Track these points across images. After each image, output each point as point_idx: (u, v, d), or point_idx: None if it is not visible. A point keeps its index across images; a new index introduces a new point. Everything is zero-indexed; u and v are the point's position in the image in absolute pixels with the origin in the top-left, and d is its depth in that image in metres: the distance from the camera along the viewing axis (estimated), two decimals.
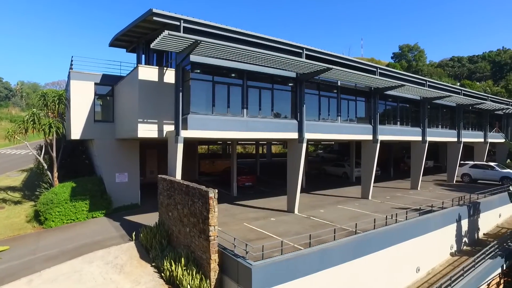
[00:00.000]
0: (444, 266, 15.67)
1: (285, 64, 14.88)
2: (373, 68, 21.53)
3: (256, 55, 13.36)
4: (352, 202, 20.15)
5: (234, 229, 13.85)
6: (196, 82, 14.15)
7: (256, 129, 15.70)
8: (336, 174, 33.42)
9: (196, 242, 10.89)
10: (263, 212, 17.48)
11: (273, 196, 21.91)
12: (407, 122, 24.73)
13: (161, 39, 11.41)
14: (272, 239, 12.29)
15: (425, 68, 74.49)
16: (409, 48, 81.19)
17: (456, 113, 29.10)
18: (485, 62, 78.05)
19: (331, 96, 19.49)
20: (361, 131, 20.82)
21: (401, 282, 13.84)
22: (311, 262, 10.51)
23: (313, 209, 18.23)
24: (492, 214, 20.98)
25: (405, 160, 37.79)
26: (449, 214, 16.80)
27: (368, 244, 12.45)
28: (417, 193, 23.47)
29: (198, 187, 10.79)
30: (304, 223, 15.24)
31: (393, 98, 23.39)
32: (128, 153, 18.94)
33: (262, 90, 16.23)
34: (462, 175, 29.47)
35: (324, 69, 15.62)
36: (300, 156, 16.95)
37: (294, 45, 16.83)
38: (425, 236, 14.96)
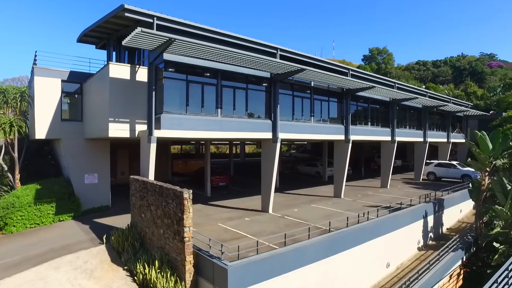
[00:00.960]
0: (412, 261, 16.32)
1: (259, 64, 14.92)
2: (345, 69, 22.08)
3: (230, 55, 13.29)
4: (325, 201, 20.54)
5: (208, 229, 13.73)
6: (170, 81, 13.89)
7: (231, 129, 15.65)
8: (309, 174, 33.94)
9: (171, 244, 10.69)
10: (237, 212, 17.45)
11: (247, 196, 21.93)
12: (377, 123, 25.54)
13: (134, 36, 11.09)
14: (247, 239, 12.31)
15: (393, 70, 77.19)
16: (378, 51, 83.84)
17: (422, 114, 30.41)
18: (447, 66, 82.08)
19: (304, 97, 19.76)
20: (333, 131, 21.25)
21: (372, 278, 14.27)
22: (286, 261, 10.60)
23: (287, 208, 18.41)
24: (454, 210, 22.12)
25: (375, 160, 39.01)
26: (417, 211, 17.53)
27: (341, 242, 12.74)
28: (387, 191, 24.31)
29: (172, 188, 10.59)
30: (278, 222, 15.36)
31: (364, 99, 24.08)
32: (98, 153, 18.26)
33: (237, 90, 16.21)
34: (428, 173, 30.91)
35: (298, 69, 15.81)
36: (274, 156, 17.07)
37: (268, 45, 16.94)
38: (394, 233, 15.52)
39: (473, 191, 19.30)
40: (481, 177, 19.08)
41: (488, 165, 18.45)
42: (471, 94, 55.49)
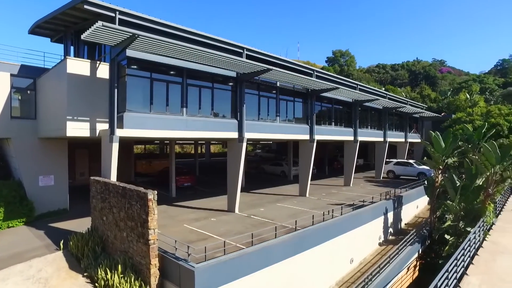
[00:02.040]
0: (373, 256, 17.01)
1: (225, 64, 14.81)
2: (310, 70, 22.54)
3: (196, 53, 13.05)
4: (291, 200, 20.84)
5: (174, 231, 13.42)
6: (133, 78, 13.39)
7: (196, 128, 15.40)
8: (275, 173, 34.27)
9: (135, 247, 10.31)
10: (203, 212, 17.22)
11: (213, 196, 21.71)
12: (340, 123, 26.34)
13: (94, 30, 10.55)
14: (214, 239, 12.17)
15: (355, 73, 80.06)
16: (341, 53, 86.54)
17: (382, 115, 31.82)
18: (404, 70, 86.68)
19: (270, 97, 19.92)
20: (298, 131, 21.61)
21: (337, 274, 14.71)
22: (254, 261, 10.62)
23: (254, 207, 18.46)
24: (411, 206, 23.39)
25: (339, 159, 40.23)
26: (378, 208, 18.31)
27: (307, 240, 12.99)
28: (350, 190, 25.13)
29: (136, 189, 10.22)
30: (245, 222, 15.35)
31: (328, 100, 24.73)
32: (54, 154, 17.15)
33: (203, 89, 15.98)
34: (388, 171, 32.44)
35: (264, 69, 15.89)
36: (240, 156, 17.05)
37: (235, 44, 16.88)
38: (358, 229, 16.10)
39: (428, 188, 20.51)
40: (435, 175, 20.34)
41: (441, 163, 19.70)
42: (425, 97, 58.93)
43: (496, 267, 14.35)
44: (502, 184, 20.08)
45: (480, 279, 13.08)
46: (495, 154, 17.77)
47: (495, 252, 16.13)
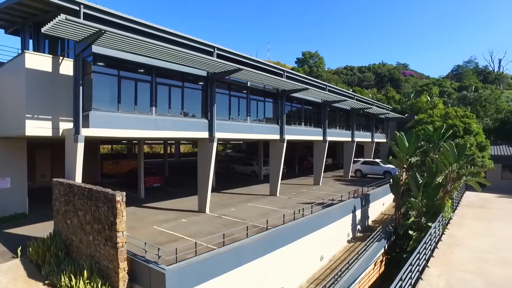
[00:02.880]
0: (342, 253, 17.47)
1: (196, 62, 14.61)
2: (280, 71, 22.77)
3: (166, 51, 12.77)
4: (262, 199, 20.95)
5: (143, 233, 13.08)
6: (99, 75, 12.88)
7: (166, 128, 15.07)
8: (245, 173, 34.30)
9: (102, 251, 9.92)
10: (173, 213, 16.91)
11: (183, 196, 21.37)
12: (310, 123, 26.83)
13: (56, 24, 9.98)
14: (184, 240, 11.98)
15: (324, 74, 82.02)
16: (310, 55, 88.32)
17: (350, 116, 32.77)
18: (370, 72, 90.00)
19: (241, 97, 19.92)
20: (269, 131, 21.77)
21: (308, 271, 14.95)
22: (226, 261, 10.57)
23: (224, 208, 18.38)
24: (378, 204, 24.27)
25: (308, 158, 40.96)
26: (347, 206, 18.83)
27: (278, 239, 13.10)
28: (319, 189, 25.64)
29: (103, 191, 9.84)
30: (216, 222, 15.25)
31: (298, 100, 25.10)
32: (10, 154, 16.02)
33: (172, 88, 15.68)
34: (355, 170, 33.47)
35: (235, 69, 15.85)
36: (211, 156, 16.91)
37: (205, 43, 16.72)
38: (327, 227, 16.46)
39: (393, 186, 21.39)
40: (400, 173, 21.27)
41: (405, 162, 20.62)
42: (390, 99, 61.46)
43: (453, 258, 15.30)
44: (459, 181, 21.39)
45: (439, 270, 13.90)
46: (452, 153, 18.89)
47: (452, 245, 17.18)
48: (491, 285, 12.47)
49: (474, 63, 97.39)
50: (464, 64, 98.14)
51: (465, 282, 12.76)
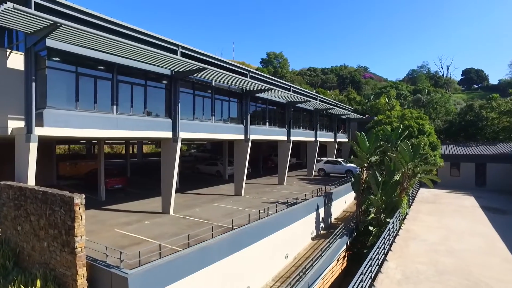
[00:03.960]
0: (307, 250, 17.85)
1: (159, 61, 14.23)
2: (245, 71, 22.82)
3: (128, 48, 12.30)
4: (227, 199, 20.88)
5: (104, 236, 12.55)
6: (54, 71, 12.13)
7: (128, 127, 14.54)
8: (210, 173, 34.01)
9: (58, 258, 9.36)
10: (136, 215, 16.38)
11: (146, 198, 20.77)
12: (274, 123, 27.13)
13: (2, 13, 9.23)
14: (148, 243, 11.64)
15: (288, 75, 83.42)
16: (275, 55, 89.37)
17: (314, 116, 33.56)
18: (333, 74, 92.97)
19: (205, 96, 19.71)
20: (234, 131, 21.74)
21: (274, 270, 15.12)
22: (191, 262, 10.41)
23: (189, 208, 18.10)
24: (340, 201, 25.07)
25: (273, 158, 41.41)
26: (310, 204, 19.26)
27: (244, 238, 13.13)
28: (284, 188, 26.00)
29: (60, 193, 9.29)
30: (180, 223, 14.98)
31: (262, 101, 25.29)
32: None
33: (135, 86, 15.18)
34: (319, 169, 34.32)
35: (200, 68, 15.65)
36: (175, 156, 16.59)
37: (169, 41, 16.34)
38: (292, 226, 16.74)
39: (355, 184, 22.21)
40: (361, 172, 22.12)
41: (366, 161, 21.48)
42: (352, 100, 63.78)
43: (408, 251, 16.26)
44: (414, 179, 22.67)
45: (396, 263, 14.69)
46: (408, 153, 19.97)
47: (408, 239, 18.21)
48: (440, 273, 13.58)
49: (426, 68, 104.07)
50: (418, 69, 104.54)
51: (418, 272, 13.63)
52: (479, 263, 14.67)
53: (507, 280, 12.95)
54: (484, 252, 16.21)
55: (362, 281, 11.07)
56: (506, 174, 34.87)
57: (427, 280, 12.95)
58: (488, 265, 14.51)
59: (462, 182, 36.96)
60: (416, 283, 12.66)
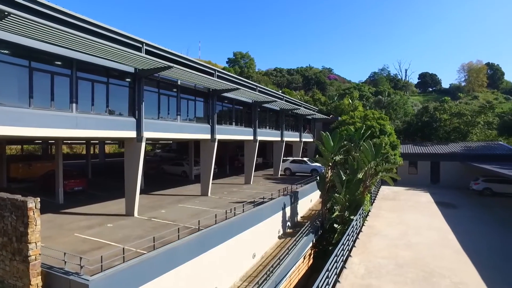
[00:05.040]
0: (274, 249, 18.03)
1: (122, 57, 13.70)
2: (211, 70, 22.57)
3: (87, 43, 11.68)
4: (193, 200, 20.58)
5: (62, 242, 11.89)
6: (4, 65, 11.26)
7: (89, 126, 13.87)
8: (176, 173, 33.38)
9: (7, 268, 8.72)
10: (98, 218, 15.68)
11: (109, 200, 19.95)
12: (241, 123, 27.11)
13: None
14: (111, 247, 11.18)
15: (254, 75, 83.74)
16: (241, 55, 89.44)
17: (280, 116, 33.95)
18: (298, 75, 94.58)
19: (171, 95, 19.29)
20: (200, 131, 21.46)
21: (241, 269, 15.12)
22: (157, 265, 10.14)
23: (154, 210, 17.65)
24: (306, 200, 25.57)
25: (239, 158, 41.38)
26: (277, 203, 19.46)
27: (211, 238, 13.00)
28: (250, 187, 26.06)
29: (11, 197, 8.68)
30: (145, 225, 14.55)
31: (229, 100, 25.19)
32: None
33: (96, 84, 14.52)
34: (285, 169, 34.75)
35: (165, 67, 15.29)
36: (139, 156, 16.10)
37: (133, 38, 15.74)
38: (259, 225, 16.82)
39: (320, 183, 22.73)
40: (326, 171, 22.67)
41: (330, 160, 22.05)
42: (317, 100, 65.18)
43: (371, 246, 16.90)
44: (376, 177, 23.63)
45: (360, 258, 15.22)
46: (370, 152, 20.77)
47: (370, 235, 18.92)
48: (400, 266, 14.30)
49: (387, 71, 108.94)
50: (379, 72, 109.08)
51: (380, 266, 14.23)
52: (433, 255, 15.61)
53: (456, 269, 14.00)
54: (438, 244, 17.26)
55: (328, 277, 11.33)
56: (457, 171, 37.38)
57: (388, 273, 13.53)
58: (441, 256, 15.50)
59: (419, 179, 39.09)
60: (378, 277, 13.19)
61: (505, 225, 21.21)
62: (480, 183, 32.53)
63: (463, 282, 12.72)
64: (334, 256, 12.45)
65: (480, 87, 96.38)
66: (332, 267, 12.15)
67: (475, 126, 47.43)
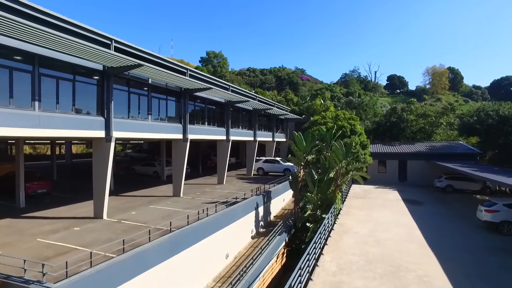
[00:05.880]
0: (247, 249, 18.00)
1: (89, 54, 13.15)
2: (184, 69, 22.21)
3: (50, 38, 11.10)
4: (165, 201, 20.19)
5: (23, 248, 11.26)
6: None
7: (53, 126, 13.20)
8: (147, 174, 32.61)
9: None
10: (64, 222, 15.00)
11: (76, 202, 19.15)
12: (213, 123, 26.90)
13: None
14: (78, 251, 10.73)
15: (227, 74, 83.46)
16: (214, 54, 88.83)
17: (253, 116, 34.00)
18: (271, 75, 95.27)
19: (142, 94, 18.81)
20: (172, 130, 21.09)
21: (214, 270, 14.97)
22: (127, 268, 9.84)
23: (124, 212, 17.15)
24: (279, 199, 25.76)
25: (212, 158, 41.07)
26: (250, 203, 19.46)
27: (183, 240, 12.80)
28: (223, 187, 25.90)
29: None
30: (115, 228, 14.10)
31: (201, 100, 24.91)
32: None
33: (62, 81, 13.85)
34: (258, 169, 34.85)
35: (135, 65, 14.89)
36: (108, 156, 15.59)
37: (102, 34, 15.17)
38: (232, 225, 16.74)
39: (292, 182, 22.96)
40: (298, 170, 22.95)
41: (303, 160, 22.35)
42: (289, 101, 65.95)
43: (342, 244, 17.31)
44: (347, 176, 24.18)
45: (332, 255, 15.54)
46: (341, 151, 21.25)
47: (341, 232, 19.37)
48: (370, 262, 14.77)
49: (357, 72, 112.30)
50: (350, 73, 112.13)
51: (351, 263, 14.62)
52: (400, 250, 16.25)
53: (421, 262, 14.69)
54: (405, 240, 17.97)
55: (301, 276, 11.47)
56: (422, 170, 39.18)
57: (359, 269, 13.91)
58: (408, 251, 16.19)
59: (388, 177, 40.55)
60: (349, 273, 13.52)
61: (463, 220, 22.48)
62: (443, 181, 34.23)
63: (427, 274, 13.36)
64: (307, 255, 12.63)
65: (442, 89, 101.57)
66: (305, 265, 12.31)
67: (439, 127, 49.89)
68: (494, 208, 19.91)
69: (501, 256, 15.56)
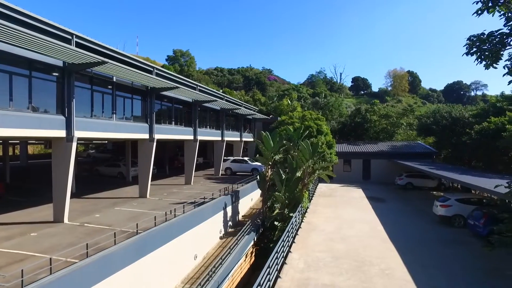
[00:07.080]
0: (216, 249, 17.90)
1: (47, 49, 12.41)
2: (150, 67, 21.67)
3: (4, 30, 10.40)
4: (130, 202, 19.61)
5: None
6: None
7: (5, 124, 12.24)
8: (111, 175, 31.49)
9: None
10: (19, 227, 14.09)
11: (33, 206, 18.06)
12: (181, 122, 26.48)
13: None
14: (35, 258, 10.14)
15: (195, 73, 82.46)
16: (181, 53, 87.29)
17: (220, 116, 33.85)
18: (239, 75, 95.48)
19: (106, 92, 18.13)
20: (137, 130, 20.51)
21: (182, 272, 14.74)
22: (91, 273, 9.44)
23: (87, 214, 16.45)
24: (247, 199, 25.84)
25: (179, 158, 40.42)
26: (218, 203, 19.35)
27: (150, 242, 12.50)
28: (191, 188, 25.57)
29: None
30: (77, 232, 13.49)
31: (168, 99, 24.43)
32: None
33: (16, 77, 12.96)
34: (226, 168, 34.73)
35: (98, 62, 14.32)
36: (69, 157, 14.85)
37: (62, 29, 14.40)
38: (200, 226, 16.56)
39: (260, 181, 23.15)
40: (266, 170, 23.16)
41: (270, 159, 22.59)
42: (257, 101, 66.34)
43: (309, 241, 17.71)
44: (313, 175, 24.72)
45: (299, 253, 15.85)
46: (308, 151, 21.70)
47: (308, 230, 19.80)
48: (336, 258, 15.24)
49: (323, 74, 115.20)
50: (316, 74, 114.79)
51: (318, 260, 15.01)
52: (364, 245, 16.93)
53: (383, 256, 15.41)
54: (369, 236, 18.72)
55: (269, 274, 11.60)
56: (385, 168, 40.97)
57: (325, 266, 14.30)
58: (371, 246, 16.91)
59: (353, 176, 41.99)
60: (317, 269, 13.86)
61: (422, 215, 23.80)
62: (403, 179, 35.98)
63: (389, 267, 14.03)
64: (275, 253, 12.79)
65: (403, 92, 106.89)
66: (273, 263, 12.47)
67: (399, 127, 52.39)
68: (447, 203, 21.26)
69: (453, 248, 16.71)
